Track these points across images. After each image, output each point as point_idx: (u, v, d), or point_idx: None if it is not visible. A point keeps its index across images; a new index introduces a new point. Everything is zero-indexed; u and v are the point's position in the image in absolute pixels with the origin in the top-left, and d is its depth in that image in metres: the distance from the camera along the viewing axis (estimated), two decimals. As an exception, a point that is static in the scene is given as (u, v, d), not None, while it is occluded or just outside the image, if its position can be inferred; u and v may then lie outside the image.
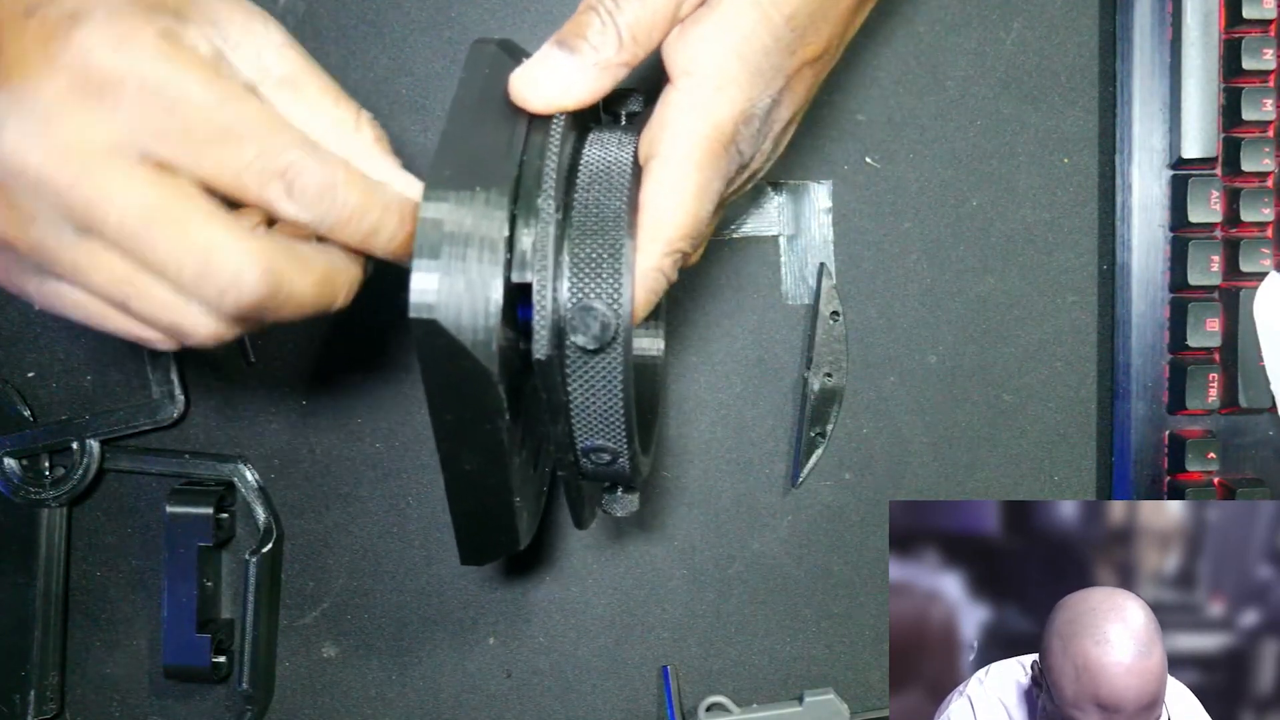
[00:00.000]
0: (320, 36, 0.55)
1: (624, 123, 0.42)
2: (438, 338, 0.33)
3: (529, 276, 0.34)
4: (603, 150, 0.38)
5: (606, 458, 0.38)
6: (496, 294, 0.33)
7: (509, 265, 0.34)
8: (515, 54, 0.39)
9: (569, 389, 0.36)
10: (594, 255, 0.35)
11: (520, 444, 0.38)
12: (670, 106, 0.38)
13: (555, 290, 0.35)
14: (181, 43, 0.34)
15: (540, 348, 0.35)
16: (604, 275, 0.35)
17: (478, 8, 0.55)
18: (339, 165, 0.35)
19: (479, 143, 0.36)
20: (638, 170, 0.38)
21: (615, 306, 0.35)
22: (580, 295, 0.35)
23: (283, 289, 0.35)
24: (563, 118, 0.38)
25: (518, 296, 0.35)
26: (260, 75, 0.37)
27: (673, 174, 0.38)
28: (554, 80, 0.38)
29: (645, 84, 0.42)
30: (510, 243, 0.34)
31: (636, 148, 0.39)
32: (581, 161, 0.38)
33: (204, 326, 0.36)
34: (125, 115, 0.33)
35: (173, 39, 0.34)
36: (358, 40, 0.55)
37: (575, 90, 0.38)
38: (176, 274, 0.34)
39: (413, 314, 0.33)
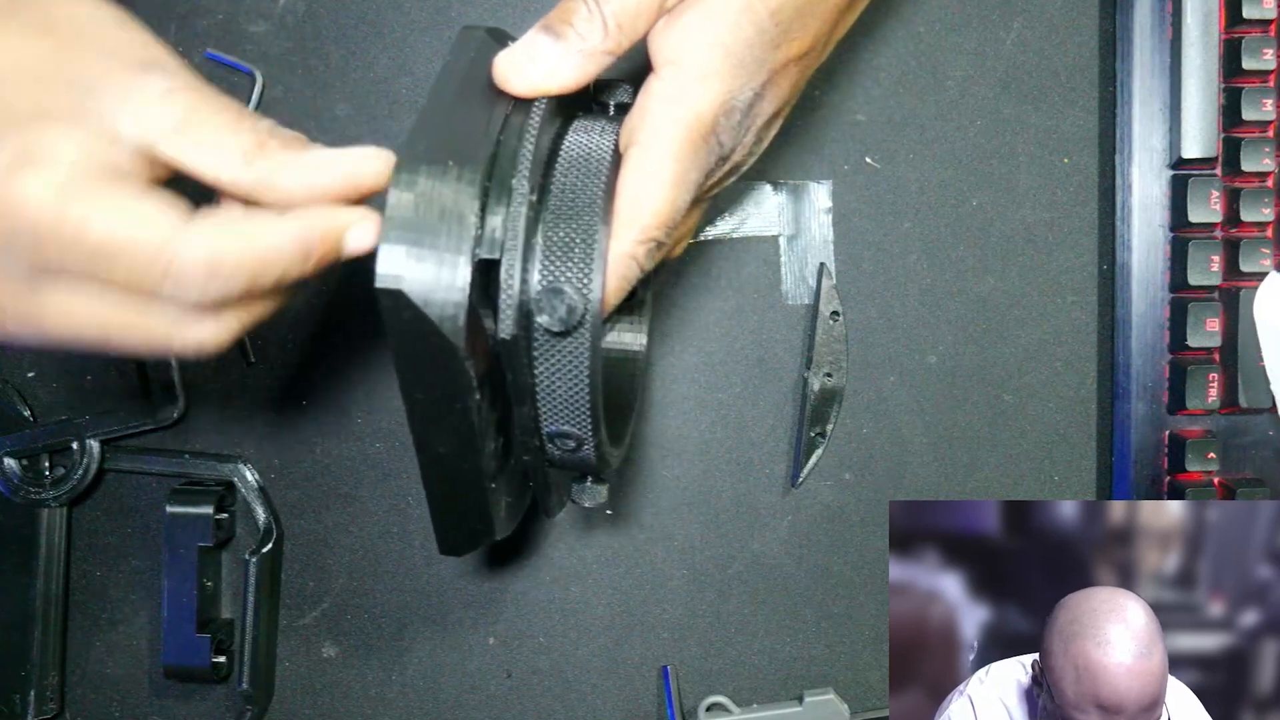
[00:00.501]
0: (320, 36, 0.55)
1: (612, 113, 0.42)
2: (405, 310, 0.33)
3: (495, 252, 0.34)
4: (585, 137, 0.38)
5: (571, 444, 0.38)
6: (465, 269, 0.33)
7: (478, 241, 0.34)
8: (503, 41, 0.39)
9: (535, 371, 0.36)
10: (566, 238, 0.35)
11: (496, 430, 0.38)
12: (651, 95, 0.39)
13: (525, 271, 0.35)
14: (31, 171, 0.33)
15: (506, 327, 0.34)
16: (574, 259, 0.35)
17: (477, 8, 0.55)
18: (224, 240, 0.34)
19: (457, 121, 0.36)
20: (618, 158, 0.38)
21: (584, 291, 0.35)
22: (549, 277, 0.35)
23: (257, 270, 0.35)
24: (544, 102, 0.37)
25: (490, 276, 0.35)
26: (152, 132, 0.35)
27: (651, 162, 0.38)
28: (538, 65, 0.38)
29: (630, 76, 0.42)
30: (481, 220, 0.34)
31: (615, 133, 0.39)
32: (562, 147, 0.38)
33: (203, 337, 0.36)
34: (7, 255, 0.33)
35: (20, 167, 0.33)
36: (358, 40, 0.55)
37: (559, 76, 0.38)
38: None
39: (379, 284, 0.33)
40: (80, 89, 0.34)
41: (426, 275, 0.33)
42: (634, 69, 0.41)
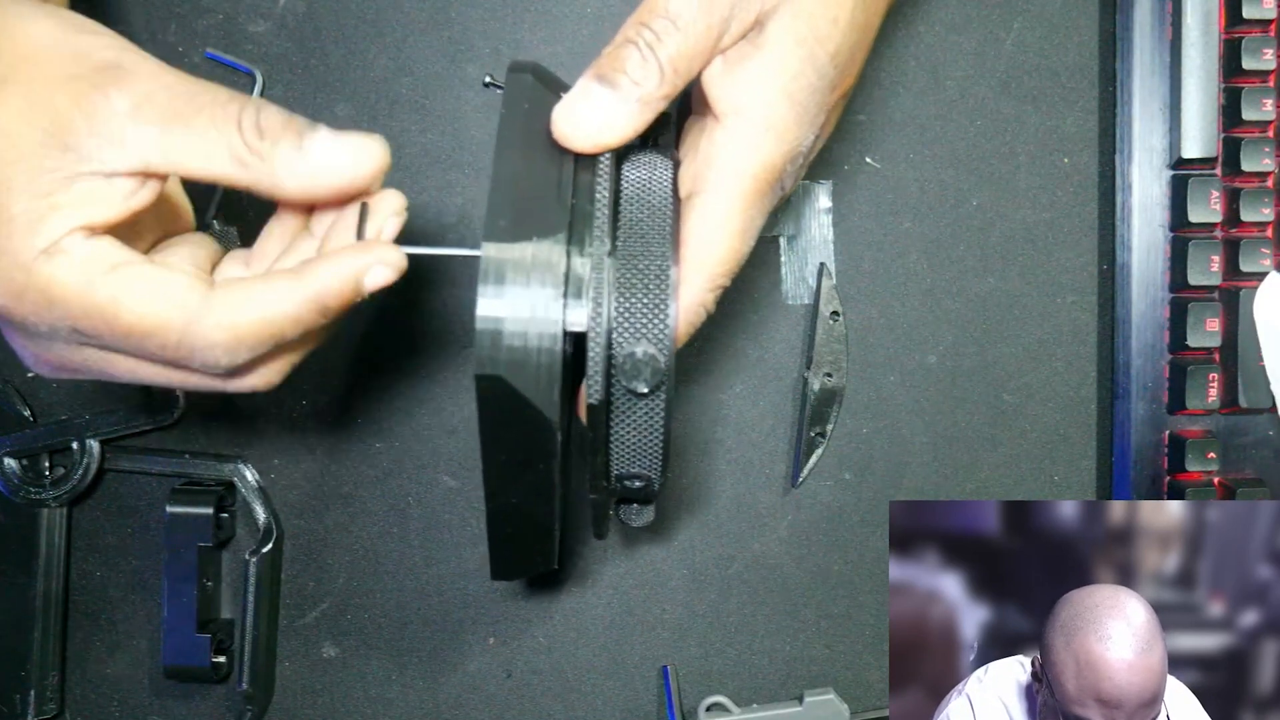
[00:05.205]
0: (320, 36, 0.55)
1: (651, 144, 0.42)
2: (503, 392, 0.34)
3: (584, 325, 0.35)
4: (643, 186, 0.39)
5: (639, 484, 0.39)
6: (559, 346, 0.34)
7: (565, 310, 0.35)
8: (551, 84, 0.39)
9: (611, 425, 0.37)
10: (645, 302, 0.36)
11: (564, 475, 0.39)
12: (717, 145, 0.39)
13: (608, 336, 0.35)
14: (61, 258, 0.34)
15: (594, 393, 0.35)
16: (655, 321, 0.36)
17: (478, 8, 0.55)
18: (242, 314, 0.36)
19: (529, 187, 0.36)
20: (677, 201, 0.38)
21: (664, 350, 0.35)
22: (632, 341, 0.35)
23: (267, 331, 0.36)
24: (608, 157, 0.38)
25: (569, 338, 0.36)
26: (136, 156, 0.35)
27: (719, 212, 0.38)
28: (595, 117, 0.37)
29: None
30: (565, 290, 0.35)
31: (674, 177, 0.39)
32: (623, 196, 0.38)
33: (251, 384, 0.38)
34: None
35: (47, 255, 0.34)
36: (358, 40, 0.55)
37: (617, 127, 0.38)
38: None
39: (478, 370, 0.34)
40: (60, 138, 0.34)
41: (522, 358, 0.34)
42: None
